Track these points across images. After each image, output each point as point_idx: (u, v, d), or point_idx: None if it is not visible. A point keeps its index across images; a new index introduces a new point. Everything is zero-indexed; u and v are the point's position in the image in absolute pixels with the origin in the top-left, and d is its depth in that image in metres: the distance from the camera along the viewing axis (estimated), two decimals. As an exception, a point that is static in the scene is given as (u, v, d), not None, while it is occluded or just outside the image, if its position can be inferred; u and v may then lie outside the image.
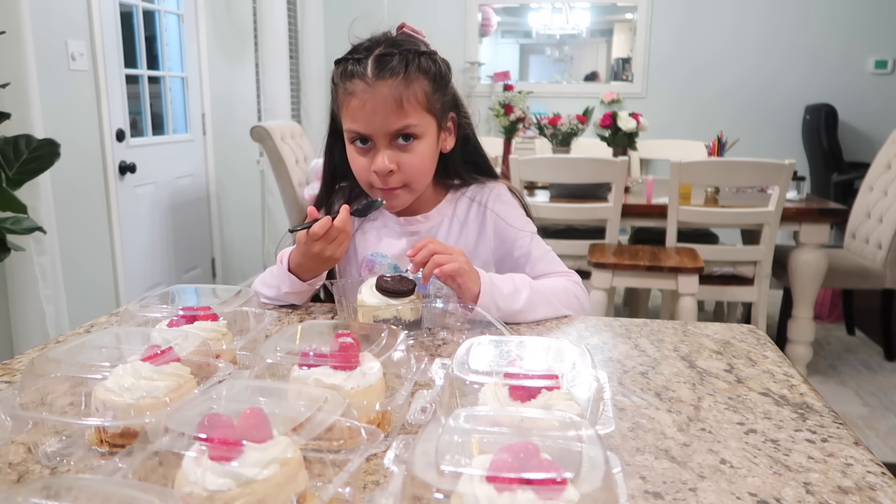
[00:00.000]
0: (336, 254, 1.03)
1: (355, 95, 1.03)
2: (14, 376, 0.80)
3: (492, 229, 1.17)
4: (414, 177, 1.08)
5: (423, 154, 1.08)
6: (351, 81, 1.03)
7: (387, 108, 1.02)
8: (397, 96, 1.02)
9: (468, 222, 1.18)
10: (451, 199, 1.19)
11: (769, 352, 0.91)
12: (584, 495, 0.40)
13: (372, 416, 0.63)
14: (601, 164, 2.67)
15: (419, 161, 1.07)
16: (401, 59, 1.03)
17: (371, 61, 1.02)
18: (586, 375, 0.61)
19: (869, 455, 0.62)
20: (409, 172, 1.07)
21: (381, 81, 1.01)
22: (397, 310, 0.94)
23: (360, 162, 1.08)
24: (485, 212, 1.17)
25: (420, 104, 1.04)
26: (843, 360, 3.16)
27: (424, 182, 1.12)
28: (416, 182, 1.09)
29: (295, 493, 0.48)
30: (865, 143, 4.67)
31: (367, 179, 1.09)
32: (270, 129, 3.15)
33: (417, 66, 1.04)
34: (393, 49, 1.04)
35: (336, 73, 1.07)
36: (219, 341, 0.77)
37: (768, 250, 2.65)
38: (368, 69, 1.02)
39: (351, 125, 1.05)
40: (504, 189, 1.20)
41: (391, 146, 1.05)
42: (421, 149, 1.07)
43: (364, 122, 1.03)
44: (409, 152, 1.06)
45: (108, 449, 0.62)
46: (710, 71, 4.82)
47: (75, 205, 2.67)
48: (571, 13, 5.19)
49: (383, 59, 1.03)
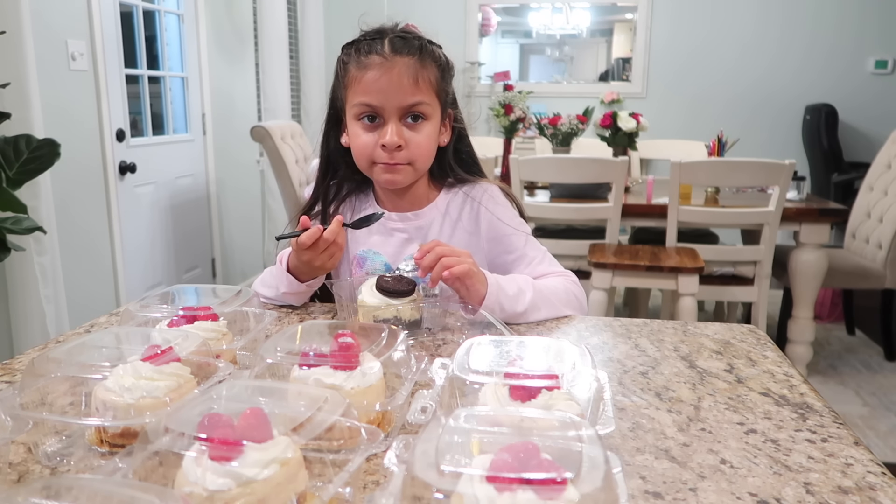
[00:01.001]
0: (326, 265, 1.03)
1: (371, 68, 1.04)
2: (14, 376, 0.80)
3: (486, 229, 1.16)
4: (419, 155, 1.09)
5: (430, 135, 1.09)
6: (367, 56, 1.05)
7: (402, 83, 1.04)
8: (413, 73, 1.05)
9: (461, 220, 1.17)
10: (444, 197, 1.19)
11: (769, 352, 0.91)
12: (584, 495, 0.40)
13: (372, 416, 0.63)
14: (601, 164, 2.67)
15: (426, 141, 1.09)
16: (417, 42, 1.07)
17: (388, 40, 1.05)
18: (586, 375, 0.61)
19: (869, 455, 0.62)
20: (415, 151, 1.08)
21: (399, 57, 1.04)
22: (397, 310, 0.94)
23: (365, 139, 1.08)
24: (479, 210, 1.17)
25: (431, 86, 1.07)
26: (843, 360, 3.16)
27: (427, 164, 1.13)
28: (419, 161, 1.10)
29: (295, 493, 0.48)
30: (865, 142, 4.66)
31: (371, 156, 1.08)
32: (270, 128, 3.14)
33: (430, 52, 1.08)
34: (407, 35, 1.07)
35: (346, 52, 1.09)
36: (219, 341, 0.77)
37: (768, 250, 2.65)
38: (386, 46, 1.05)
39: (363, 98, 1.05)
40: (497, 189, 1.20)
41: (401, 122, 1.06)
42: (427, 130, 1.09)
43: (378, 94, 1.04)
44: (416, 131, 1.08)
45: (108, 449, 0.62)
46: (710, 71, 4.82)
47: (75, 205, 2.67)
48: (571, 13, 5.19)
49: (399, 39, 1.06)
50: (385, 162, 1.07)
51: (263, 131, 3.14)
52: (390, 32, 1.07)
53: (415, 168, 1.10)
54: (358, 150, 1.10)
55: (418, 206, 1.18)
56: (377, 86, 1.04)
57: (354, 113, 1.08)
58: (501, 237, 1.16)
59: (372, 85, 1.04)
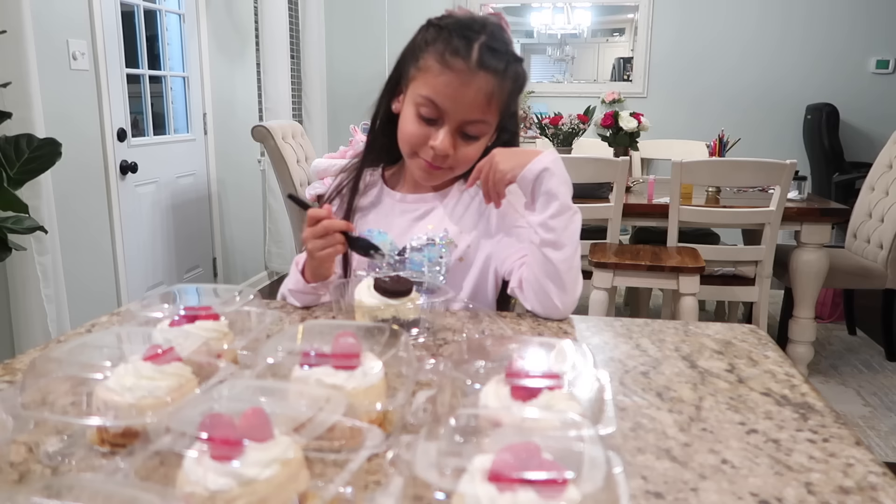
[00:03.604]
0: (319, 253, 1.02)
1: (451, 72, 1.02)
2: (15, 376, 0.80)
3: (495, 213, 1.17)
4: (461, 167, 1.11)
5: (478, 150, 1.10)
6: (452, 57, 1.02)
7: (475, 100, 1.03)
8: (489, 92, 1.03)
9: (471, 207, 1.18)
10: (459, 185, 1.20)
11: (770, 352, 0.91)
12: (585, 495, 0.40)
13: (373, 416, 0.63)
14: (602, 163, 2.67)
15: (473, 155, 1.10)
16: (504, 58, 1.04)
17: (478, 47, 1.02)
18: (587, 375, 0.61)
19: (870, 455, 0.62)
20: (460, 161, 1.10)
21: (483, 72, 1.02)
22: (396, 310, 0.94)
23: (415, 129, 1.07)
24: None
25: (499, 106, 1.06)
26: (844, 360, 3.16)
27: (465, 170, 1.15)
28: (459, 169, 1.12)
29: (296, 493, 0.48)
30: (867, 142, 4.66)
31: (415, 146, 1.09)
32: (272, 128, 3.14)
33: (512, 70, 1.06)
34: (497, 44, 1.04)
35: (434, 33, 1.06)
36: (220, 341, 0.77)
37: (769, 250, 2.65)
38: (474, 54, 1.02)
39: (430, 94, 1.04)
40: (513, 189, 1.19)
41: (456, 132, 1.06)
42: (478, 145, 1.10)
43: (447, 99, 1.03)
44: (468, 145, 1.08)
45: (109, 449, 0.62)
46: (711, 70, 4.82)
47: (76, 204, 2.67)
48: (573, 13, 5.19)
49: (491, 51, 1.03)
50: (428, 160, 1.08)
51: (264, 131, 3.14)
52: (482, 32, 1.04)
53: (452, 172, 1.13)
54: (405, 136, 1.09)
55: (435, 190, 1.19)
56: (449, 91, 1.03)
57: (415, 101, 1.06)
58: (509, 222, 1.16)
59: (444, 88, 1.03)
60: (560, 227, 1.03)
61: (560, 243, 1.03)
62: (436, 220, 1.17)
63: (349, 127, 3.12)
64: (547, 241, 1.03)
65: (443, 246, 1.14)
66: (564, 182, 1.05)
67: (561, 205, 1.03)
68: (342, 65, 5.12)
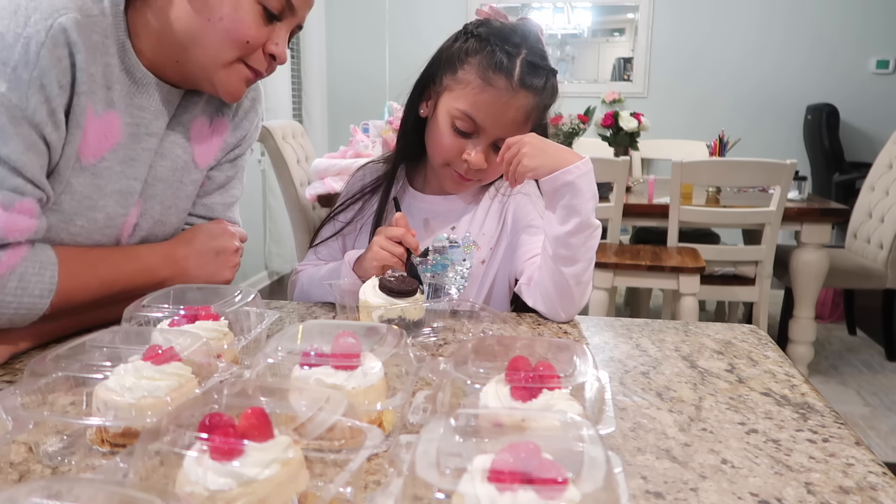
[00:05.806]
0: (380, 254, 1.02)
1: (493, 89, 1.02)
2: (15, 376, 0.80)
3: (511, 214, 1.17)
4: (490, 177, 1.13)
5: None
6: (495, 73, 1.01)
7: (514, 118, 1.04)
8: (528, 111, 1.04)
9: (492, 209, 1.19)
10: (480, 188, 1.20)
11: (770, 352, 0.91)
12: (585, 495, 0.40)
13: (373, 416, 0.63)
14: (603, 163, 2.67)
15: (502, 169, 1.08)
16: (544, 74, 1.04)
17: (521, 64, 1.02)
18: (588, 375, 0.61)
19: (870, 455, 0.62)
20: (491, 174, 1.12)
21: (524, 91, 1.02)
22: (401, 309, 0.94)
23: (451, 142, 1.07)
24: (507, 200, 1.18)
25: (533, 121, 1.07)
26: (844, 360, 3.16)
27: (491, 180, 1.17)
28: (487, 180, 1.14)
29: (296, 493, 0.48)
30: (867, 142, 4.66)
31: (448, 158, 1.09)
32: (272, 128, 3.14)
33: (552, 85, 1.07)
34: (539, 60, 1.04)
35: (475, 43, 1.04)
36: (220, 341, 0.77)
37: (770, 250, 2.65)
38: (517, 72, 1.02)
39: (469, 110, 1.03)
40: (534, 185, 1.18)
41: (490, 146, 1.07)
42: None
43: (486, 116, 1.03)
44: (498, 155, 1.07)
45: (109, 449, 0.62)
46: (712, 70, 4.82)
47: (77, 204, 2.66)
48: (573, 13, 5.19)
49: (533, 68, 1.03)
50: (460, 173, 1.09)
51: (265, 131, 3.13)
52: (523, 47, 1.03)
53: (481, 183, 1.14)
54: (439, 148, 1.09)
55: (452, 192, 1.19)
56: (491, 110, 1.03)
57: (452, 113, 1.05)
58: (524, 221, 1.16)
59: (485, 107, 1.03)
60: (578, 244, 0.98)
61: (574, 259, 0.99)
62: (458, 221, 1.18)
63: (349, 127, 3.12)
64: (561, 256, 0.99)
65: (465, 248, 1.15)
66: (591, 197, 0.98)
67: (581, 222, 0.97)
68: (342, 65, 5.12)
